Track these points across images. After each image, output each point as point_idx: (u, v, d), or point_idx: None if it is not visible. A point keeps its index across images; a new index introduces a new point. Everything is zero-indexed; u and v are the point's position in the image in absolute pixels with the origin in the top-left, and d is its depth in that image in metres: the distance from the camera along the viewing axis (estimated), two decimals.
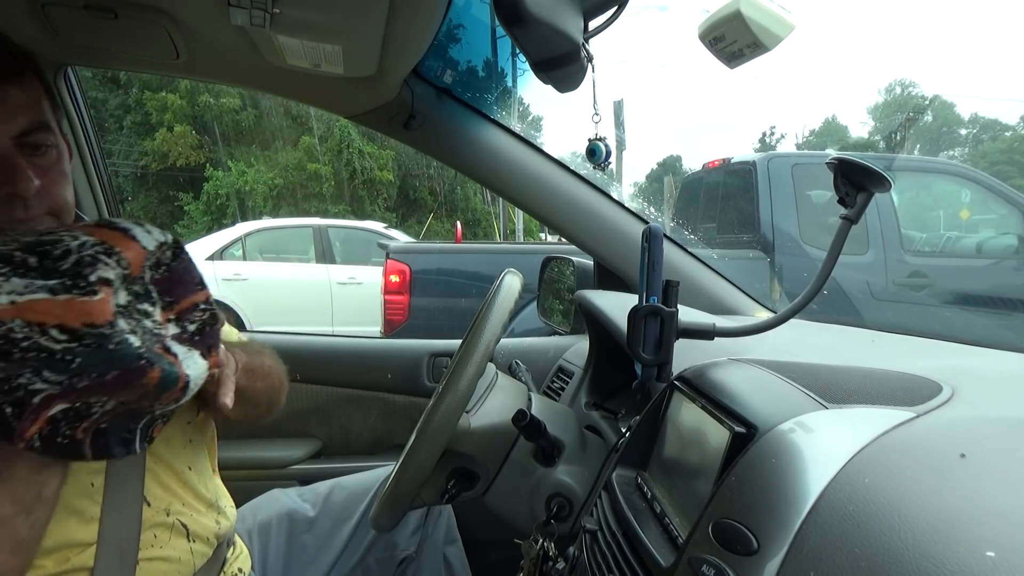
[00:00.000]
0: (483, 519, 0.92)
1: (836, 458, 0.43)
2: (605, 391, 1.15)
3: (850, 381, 0.56)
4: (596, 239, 1.27)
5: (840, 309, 3.05)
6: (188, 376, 0.58)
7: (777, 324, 0.67)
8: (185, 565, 0.74)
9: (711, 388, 0.59)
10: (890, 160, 5.12)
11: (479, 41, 1.23)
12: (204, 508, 0.78)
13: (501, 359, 1.38)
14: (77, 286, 0.52)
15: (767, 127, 47.26)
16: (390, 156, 14.45)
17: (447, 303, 3.96)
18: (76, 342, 0.50)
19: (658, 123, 53.58)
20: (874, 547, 0.35)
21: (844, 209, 0.61)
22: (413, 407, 1.46)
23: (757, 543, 0.41)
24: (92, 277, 0.52)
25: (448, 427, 0.71)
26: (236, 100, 13.88)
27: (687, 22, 1.63)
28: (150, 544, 0.71)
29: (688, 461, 0.59)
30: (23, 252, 0.52)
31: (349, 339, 1.59)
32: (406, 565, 1.03)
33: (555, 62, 0.66)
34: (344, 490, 1.07)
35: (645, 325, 0.66)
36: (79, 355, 0.50)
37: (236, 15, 0.84)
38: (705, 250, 2.69)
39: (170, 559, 0.73)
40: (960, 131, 27.48)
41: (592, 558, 0.63)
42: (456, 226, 7.50)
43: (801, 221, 3.47)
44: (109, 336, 0.51)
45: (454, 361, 0.78)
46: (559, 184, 1.25)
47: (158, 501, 0.73)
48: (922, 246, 3.93)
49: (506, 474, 0.83)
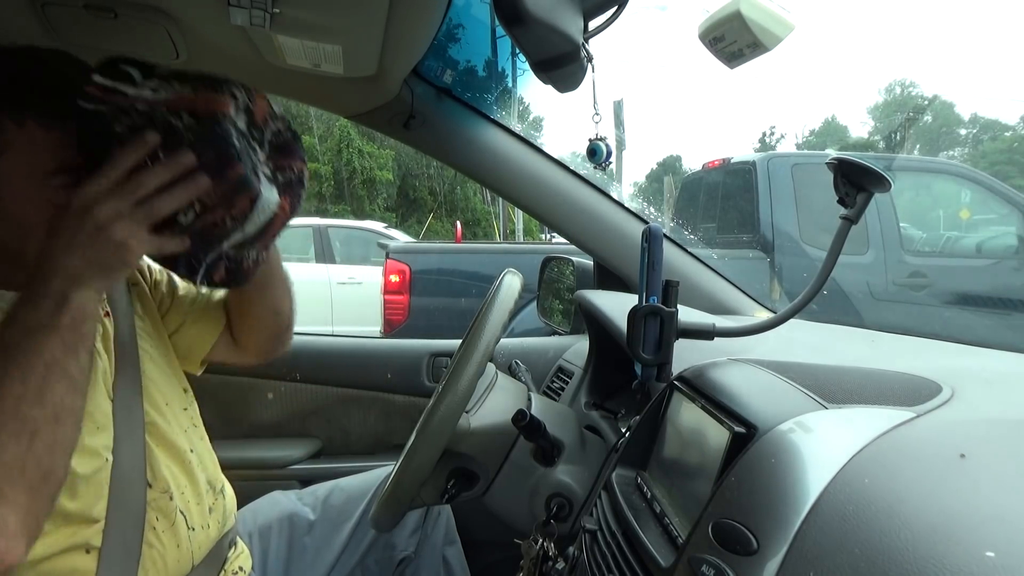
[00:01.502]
0: (482, 519, 0.92)
1: (836, 458, 0.43)
2: (605, 391, 1.15)
3: (850, 381, 0.56)
4: (596, 239, 1.27)
5: (840, 309, 3.05)
6: (261, 192, 0.65)
7: (777, 324, 0.67)
8: (184, 553, 0.75)
9: (711, 388, 0.59)
10: (890, 160, 5.12)
11: (479, 41, 1.23)
12: (204, 492, 0.80)
13: (501, 359, 1.38)
14: (212, 87, 0.64)
15: (767, 127, 47.29)
16: (390, 156, 14.46)
17: (447, 303, 3.96)
18: (195, 121, 0.62)
19: (658, 123, 53.62)
20: (874, 547, 0.35)
21: (844, 209, 0.61)
22: (413, 407, 1.46)
23: (757, 543, 0.41)
24: (224, 87, 0.65)
25: (448, 427, 0.71)
26: None
27: (687, 22, 1.62)
28: (151, 527, 0.72)
29: (688, 461, 0.59)
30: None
31: (349, 339, 1.59)
32: (405, 565, 1.03)
33: (555, 62, 0.66)
34: (343, 492, 1.07)
35: (645, 325, 0.66)
36: (193, 131, 0.62)
37: (236, 15, 0.84)
38: (705, 250, 2.69)
39: (168, 547, 0.73)
40: (960, 131, 27.48)
41: (592, 558, 0.63)
42: (456, 226, 7.51)
43: (801, 221, 3.47)
44: (220, 123, 0.63)
45: (454, 361, 0.78)
46: (559, 184, 1.25)
47: (159, 482, 0.74)
48: (922, 246, 3.93)
49: (506, 474, 0.83)
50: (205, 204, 0.63)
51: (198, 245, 0.66)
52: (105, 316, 0.77)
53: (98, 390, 0.72)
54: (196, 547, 0.77)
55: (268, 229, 0.69)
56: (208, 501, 0.80)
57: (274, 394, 1.43)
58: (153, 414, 0.77)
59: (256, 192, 0.65)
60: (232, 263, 0.70)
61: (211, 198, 0.63)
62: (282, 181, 0.71)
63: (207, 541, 0.79)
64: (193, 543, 0.76)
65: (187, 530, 0.76)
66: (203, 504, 0.79)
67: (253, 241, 0.69)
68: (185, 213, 0.63)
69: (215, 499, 0.82)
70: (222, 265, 0.69)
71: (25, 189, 0.64)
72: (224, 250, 0.68)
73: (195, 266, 0.68)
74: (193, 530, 0.77)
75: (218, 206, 0.64)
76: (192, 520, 0.77)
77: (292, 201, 0.72)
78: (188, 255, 0.66)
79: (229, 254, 0.69)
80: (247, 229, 0.67)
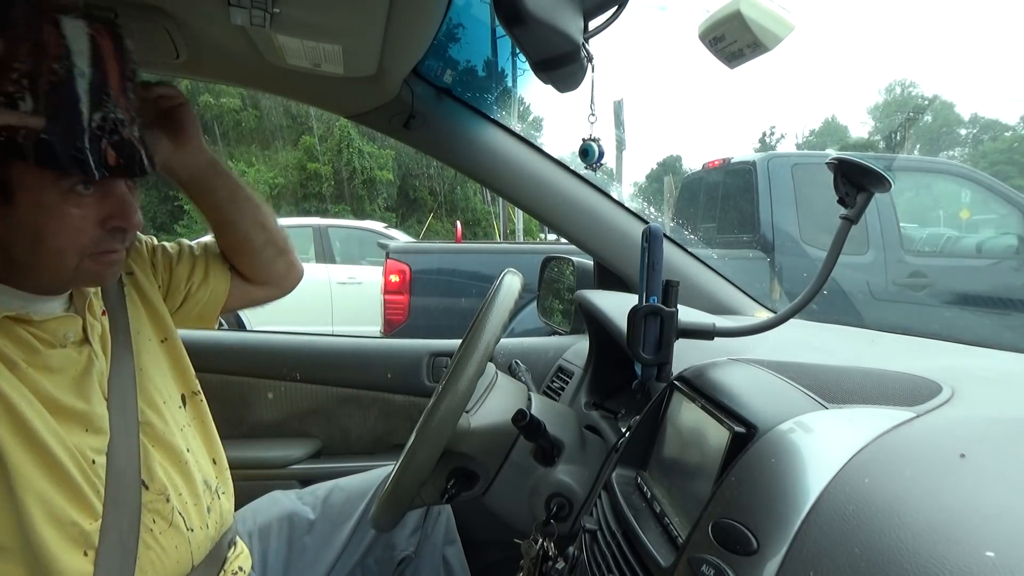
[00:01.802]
0: (482, 519, 0.92)
1: (836, 458, 0.43)
2: (605, 391, 1.15)
3: (850, 381, 0.56)
4: (596, 239, 1.27)
5: (840, 309, 3.05)
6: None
7: (777, 324, 0.67)
8: (183, 554, 0.75)
9: (711, 388, 0.59)
10: (890, 160, 5.11)
11: (479, 41, 1.23)
12: (201, 492, 0.79)
13: (501, 359, 1.38)
14: None
15: (767, 127, 47.25)
16: (390, 156, 14.44)
17: (447, 303, 3.95)
18: None
19: (658, 123, 53.57)
20: (874, 547, 0.35)
21: (844, 209, 0.61)
22: (413, 407, 1.46)
23: (757, 543, 0.41)
24: None
25: (448, 427, 0.71)
26: (236, 100, 13.86)
27: (687, 22, 1.62)
28: (148, 528, 0.71)
29: (688, 461, 0.59)
30: None
31: (349, 339, 1.59)
32: (405, 565, 1.03)
33: (555, 62, 0.66)
34: (343, 491, 1.07)
35: (645, 325, 0.66)
36: None
37: (236, 15, 0.84)
38: (705, 250, 2.69)
39: (167, 548, 0.73)
40: (960, 131, 27.47)
41: (592, 558, 0.63)
42: (456, 226, 7.51)
43: (801, 221, 3.47)
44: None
45: (454, 361, 0.78)
46: (559, 184, 1.25)
47: (156, 484, 0.74)
48: (922, 246, 3.93)
49: (506, 474, 0.83)
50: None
51: (56, 125, 0.63)
52: (102, 315, 0.77)
53: (94, 392, 0.71)
54: (195, 548, 0.77)
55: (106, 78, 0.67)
56: (206, 501, 0.80)
57: (274, 394, 1.43)
58: (149, 413, 0.77)
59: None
60: (114, 140, 0.67)
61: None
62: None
63: (206, 541, 0.79)
64: (192, 544, 0.76)
65: (186, 531, 0.76)
66: (200, 504, 0.79)
67: (112, 108, 0.67)
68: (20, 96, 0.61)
69: (212, 499, 0.82)
70: (106, 147, 0.67)
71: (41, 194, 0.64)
72: (91, 129, 0.65)
73: (79, 156, 0.65)
74: (192, 531, 0.76)
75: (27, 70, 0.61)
76: (191, 521, 0.77)
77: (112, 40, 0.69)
78: (62, 145, 0.64)
79: (99, 132, 0.66)
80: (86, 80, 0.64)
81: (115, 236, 0.70)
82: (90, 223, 0.67)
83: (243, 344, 1.51)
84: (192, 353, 0.90)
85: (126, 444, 0.72)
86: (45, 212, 0.65)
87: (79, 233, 0.67)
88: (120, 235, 0.70)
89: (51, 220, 0.65)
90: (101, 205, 0.68)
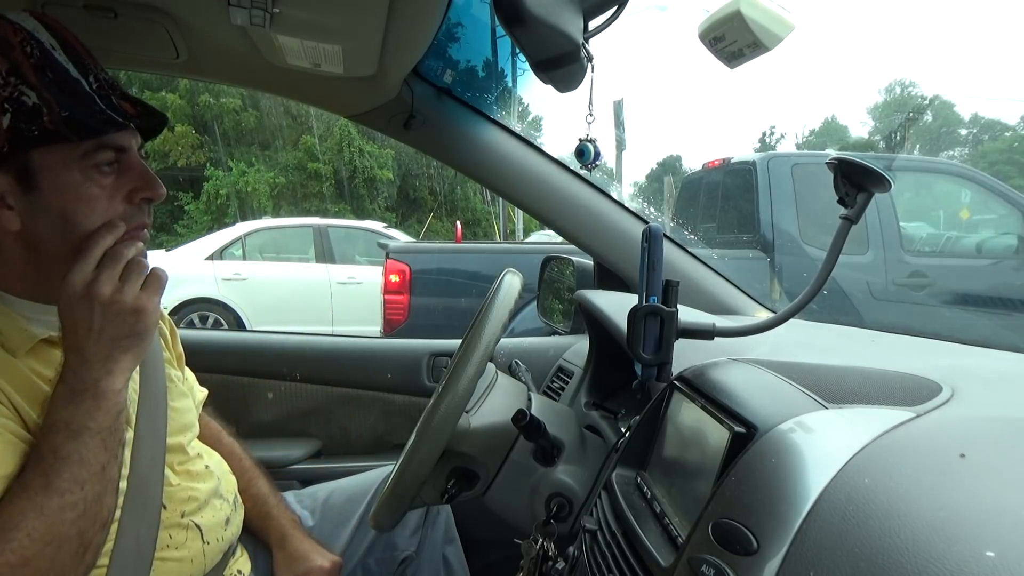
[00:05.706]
0: (483, 519, 0.92)
1: (836, 458, 0.43)
2: (605, 391, 1.15)
3: (850, 381, 0.56)
4: (596, 239, 1.27)
5: (840, 309, 3.05)
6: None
7: (777, 324, 0.67)
8: (197, 565, 0.75)
9: (711, 388, 0.59)
10: (890, 160, 5.11)
11: (479, 41, 1.24)
12: (219, 506, 0.80)
13: (501, 359, 1.38)
14: None
15: (767, 127, 47.24)
16: (390, 155, 14.44)
17: (447, 303, 3.95)
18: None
19: (658, 123, 53.52)
20: (874, 547, 0.35)
21: (844, 209, 0.61)
22: (413, 407, 1.46)
23: (757, 543, 0.41)
24: None
25: (448, 427, 0.71)
26: (236, 100, 13.86)
27: (687, 22, 1.62)
28: (165, 544, 0.72)
29: (688, 461, 0.59)
30: None
31: (349, 339, 1.59)
32: (405, 565, 1.03)
33: (555, 62, 0.66)
34: (342, 493, 1.07)
35: (645, 325, 0.66)
36: None
37: (236, 15, 0.84)
38: (705, 250, 2.69)
39: (183, 560, 0.74)
40: (960, 131, 27.44)
41: (592, 558, 0.63)
42: (456, 226, 7.51)
43: (801, 221, 3.47)
44: None
45: (454, 361, 0.77)
46: (559, 184, 1.25)
47: (176, 504, 0.74)
48: (922, 246, 3.93)
49: (506, 474, 0.83)
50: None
51: (65, 99, 0.64)
52: None
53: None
54: (209, 560, 0.78)
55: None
56: (225, 512, 0.81)
57: (274, 394, 1.43)
58: (177, 438, 0.78)
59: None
60: (121, 93, 0.70)
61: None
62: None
63: (219, 552, 0.80)
64: (207, 556, 0.77)
65: (202, 544, 0.76)
66: (218, 517, 0.79)
67: None
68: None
69: (232, 511, 0.82)
70: (119, 102, 0.69)
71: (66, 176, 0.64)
72: (94, 90, 0.67)
73: (104, 116, 0.66)
74: (208, 543, 0.77)
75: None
76: (207, 535, 0.77)
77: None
78: (84, 113, 0.65)
79: (103, 91, 0.68)
80: None
81: (143, 209, 0.70)
82: (117, 200, 0.67)
83: (243, 344, 1.51)
84: (192, 353, 0.90)
85: (150, 471, 0.72)
86: (72, 194, 0.64)
87: (108, 211, 0.66)
88: (147, 207, 0.70)
89: (80, 202, 0.64)
90: (123, 180, 0.68)
